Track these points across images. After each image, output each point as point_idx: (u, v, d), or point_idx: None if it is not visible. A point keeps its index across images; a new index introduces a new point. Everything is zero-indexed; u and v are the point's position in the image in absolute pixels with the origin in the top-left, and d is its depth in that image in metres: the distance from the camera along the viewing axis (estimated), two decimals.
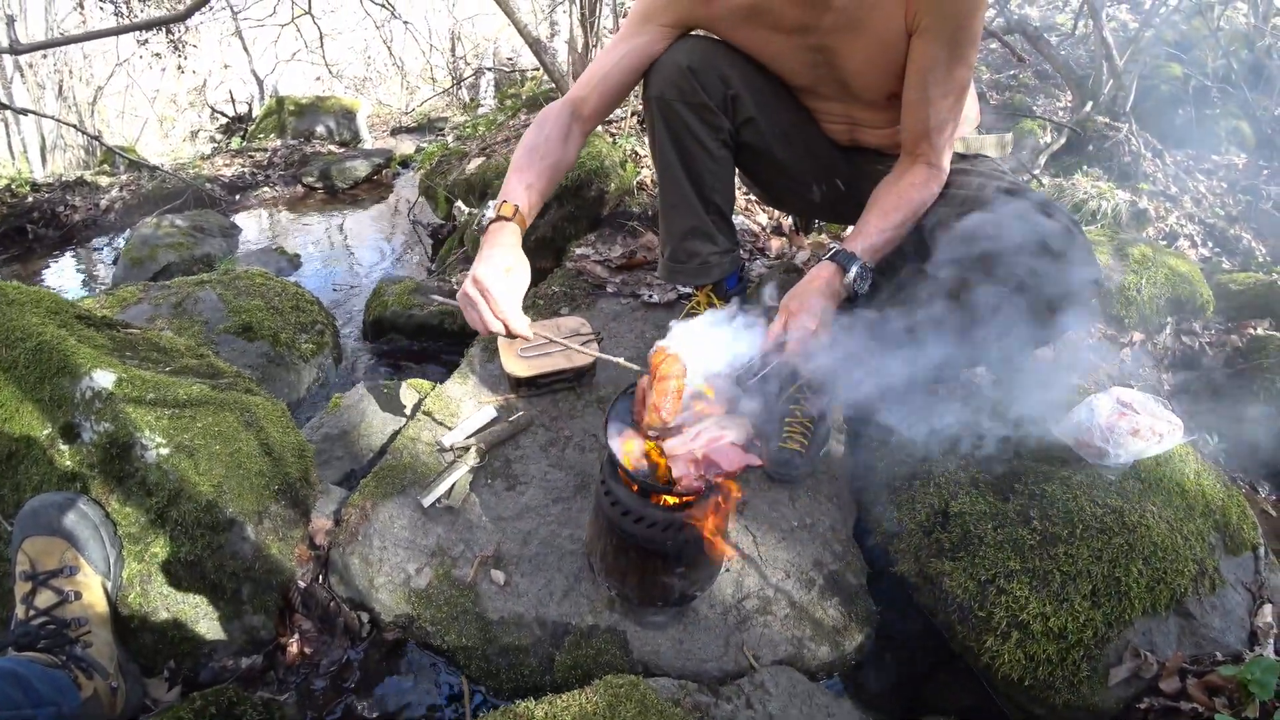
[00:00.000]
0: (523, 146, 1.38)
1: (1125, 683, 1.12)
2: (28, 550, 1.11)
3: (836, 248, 1.30)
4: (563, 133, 1.38)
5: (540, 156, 1.36)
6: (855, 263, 1.26)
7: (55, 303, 1.46)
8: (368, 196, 4.54)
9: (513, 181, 1.33)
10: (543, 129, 1.38)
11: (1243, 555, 1.29)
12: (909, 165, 1.34)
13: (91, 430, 1.23)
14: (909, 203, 1.32)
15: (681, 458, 1.06)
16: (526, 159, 1.35)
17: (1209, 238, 2.69)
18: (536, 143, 1.37)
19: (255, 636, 1.25)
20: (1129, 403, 1.30)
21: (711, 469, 1.05)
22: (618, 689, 1.04)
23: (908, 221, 1.32)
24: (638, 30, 1.44)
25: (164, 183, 4.27)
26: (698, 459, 1.06)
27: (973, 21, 1.19)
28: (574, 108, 1.41)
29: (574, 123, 1.41)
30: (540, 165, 1.35)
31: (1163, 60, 3.64)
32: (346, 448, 1.63)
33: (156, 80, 9.70)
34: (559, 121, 1.39)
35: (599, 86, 1.42)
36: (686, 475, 1.04)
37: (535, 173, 1.34)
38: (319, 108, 6.01)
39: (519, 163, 1.35)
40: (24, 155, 7.18)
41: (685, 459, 1.06)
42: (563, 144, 1.38)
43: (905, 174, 1.34)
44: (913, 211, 1.32)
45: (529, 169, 1.34)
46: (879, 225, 1.31)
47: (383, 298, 2.40)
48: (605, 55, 1.45)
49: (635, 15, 1.46)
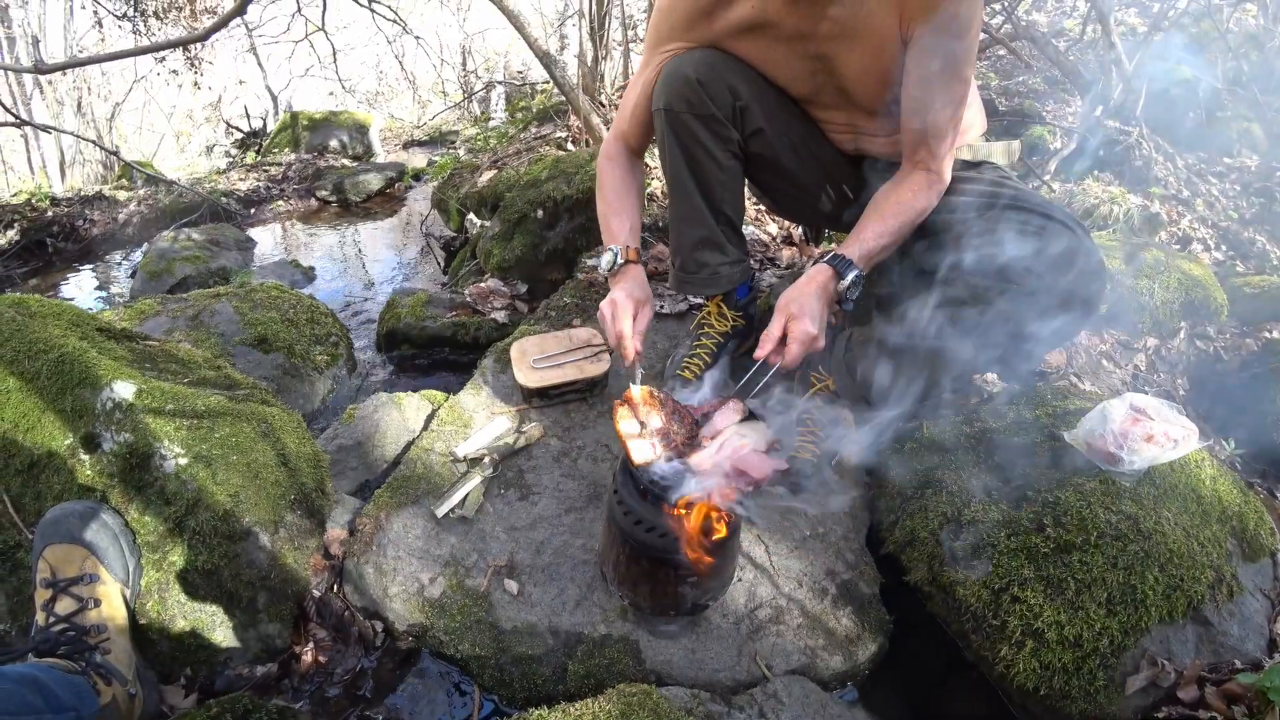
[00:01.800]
0: (608, 189, 1.55)
1: (1143, 691, 1.11)
2: (49, 558, 1.13)
3: (834, 251, 1.30)
4: (629, 164, 1.58)
5: (627, 192, 1.55)
6: (852, 270, 1.27)
7: (77, 315, 1.49)
8: (380, 210, 4.59)
9: (614, 226, 1.51)
10: (615, 167, 1.56)
11: (1261, 561, 1.28)
12: (909, 172, 1.35)
13: (112, 440, 1.25)
14: (907, 210, 1.32)
15: (710, 472, 1.06)
16: (617, 200, 1.54)
17: (1223, 241, 2.67)
18: (614, 182, 1.55)
19: (270, 645, 1.26)
20: (1143, 408, 1.29)
21: (742, 479, 1.05)
22: (630, 698, 1.05)
23: (904, 229, 1.33)
24: (654, 57, 1.50)
25: (180, 197, 4.34)
26: (727, 471, 1.05)
27: (966, 37, 1.20)
28: (624, 141, 1.58)
29: (633, 158, 1.60)
30: (628, 201, 1.54)
31: (1172, 63, 3.62)
32: (361, 458, 1.64)
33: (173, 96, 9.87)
34: (622, 156, 1.58)
35: (636, 116, 1.55)
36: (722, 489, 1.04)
37: (629, 211, 1.53)
38: (332, 122, 6.09)
39: (613, 207, 1.53)
40: (43, 170, 7.30)
41: (715, 472, 1.06)
42: (634, 172, 1.58)
43: (904, 181, 1.34)
44: (910, 219, 1.33)
45: (623, 210, 1.53)
46: (876, 231, 1.31)
47: (396, 310, 2.42)
48: (632, 88, 1.56)
49: (649, 44, 1.52)
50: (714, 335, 1.68)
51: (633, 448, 1.11)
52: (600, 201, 1.55)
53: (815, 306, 1.25)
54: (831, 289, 1.28)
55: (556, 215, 2.55)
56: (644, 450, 1.11)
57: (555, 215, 2.55)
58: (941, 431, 1.54)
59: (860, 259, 1.28)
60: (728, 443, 1.10)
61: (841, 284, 1.27)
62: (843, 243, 1.34)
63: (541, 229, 2.56)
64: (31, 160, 7.55)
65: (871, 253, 1.30)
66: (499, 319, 2.38)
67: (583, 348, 1.74)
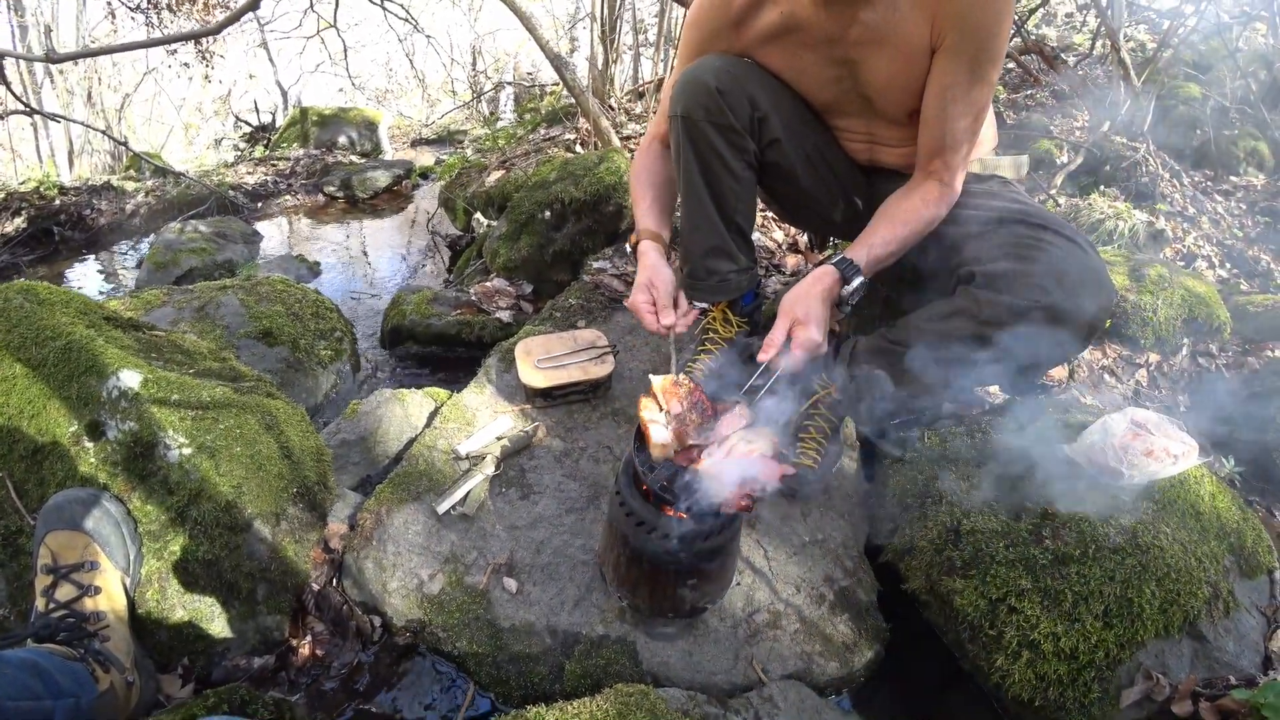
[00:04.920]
0: (634, 178, 1.63)
1: (1137, 705, 1.11)
2: (50, 544, 1.14)
3: (840, 255, 1.31)
4: (658, 156, 1.62)
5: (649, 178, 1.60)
6: (857, 276, 1.28)
7: (84, 303, 1.50)
8: (387, 207, 4.60)
9: (642, 211, 1.57)
10: (644, 157, 1.63)
11: (1258, 579, 1.28)
12: (921, 181, 1.35)
13: (116, 429, 1.26)
14: (917, 219, 1.33)
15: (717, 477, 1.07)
16: (640, 189, 1.59)
17: (1227, 259, 2.67)
18: (639, 170, 1.62)
19: (268, 637, 1.27)
20: (1144, 423, 1.30)
21: (751, 484, 1.05)
22: (628, 698, 1.05)
23: (912, 238, 1.34)
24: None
25: (188, 189, 4.35)
26: (734, 476, 1.06)
27: (996, 42, 1.20)
28: (661, 140, 1.62)
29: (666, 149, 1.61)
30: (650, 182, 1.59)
31: (1180, 80, 3.63)
32: (363, 453, 1.65)
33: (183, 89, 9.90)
34: (652, 149, 1.63)
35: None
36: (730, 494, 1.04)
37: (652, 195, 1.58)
38: (341, 119, 6.11)
39: (638, 192, 1.59)
40: (51, 159, 7.33)
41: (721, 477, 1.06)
42: (662, 162, 1.62)
43: (916, 190, 1.35)
44: (919, 228, 1.34)
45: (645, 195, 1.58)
46: (884, 238, 1.32)
47: (401, 307, 2.43)
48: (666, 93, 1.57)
49: (682, 58, 1.55)
50: (719, 340, 1.69)
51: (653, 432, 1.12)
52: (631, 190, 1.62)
53: (819, 311, 1.25)
54: (835, 293, 1.29)
55: (564, 217, 2.56)
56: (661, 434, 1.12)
57: (563, 217, 2.56)
58: (942, 441, 1.54)
59: (866, 265, 1.29)
60: (735, 448, 1.10)
61: (846, 289, 1.28)
62: (850, 246, 1.34)
63: (548, 230, 2.57)
64: (40, 149, 7.59)
65: (878, 259, 1.31)
66: (504, 319, 2.39)
67: (587, 349, 1.74)
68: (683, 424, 1.13)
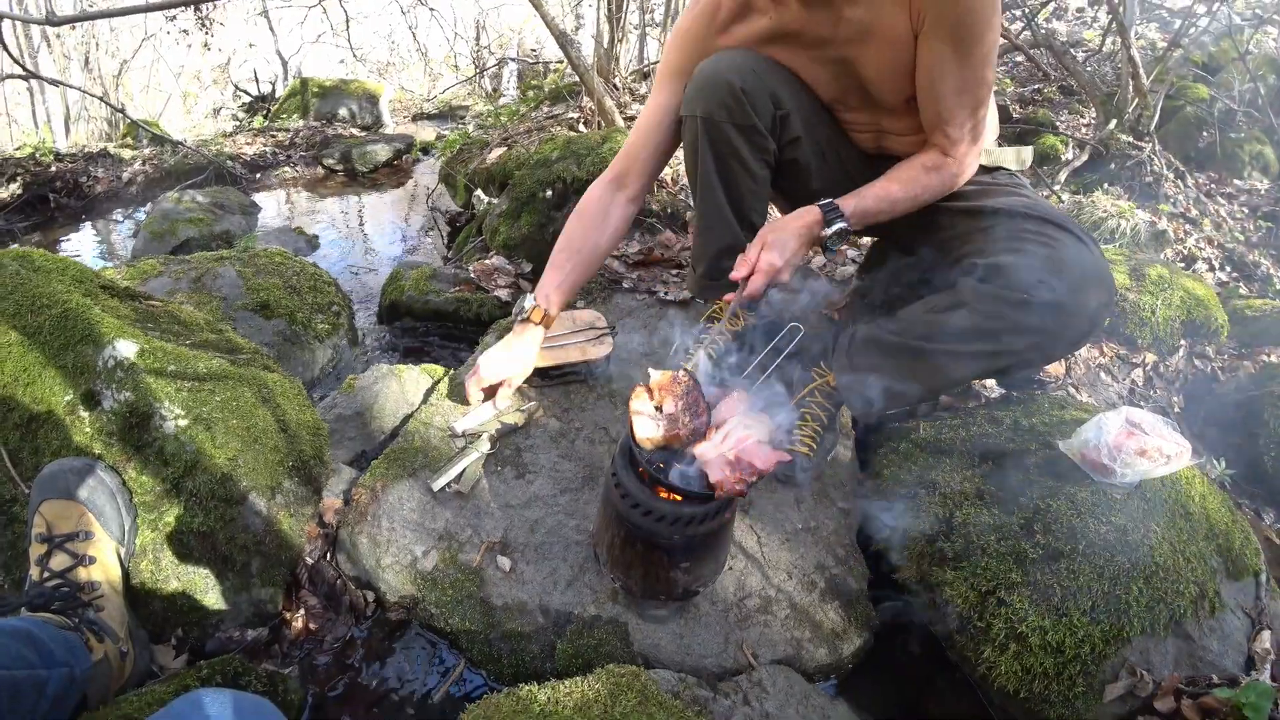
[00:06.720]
0: (561, 240, 1.54)
1: (1120, 700, 1.12)
2: (44, 513, 1.14)
3: (831, 200, 1.33)
4: (600, 216, 1.54)
5: (575, 251, 1.53)
6: (840, 221, 1.30)
7: (81, 272, 1.49)
8: (387, 181, 4.57)
9: (547, 281, 1.52)
10: (581, 219, 1.54)
11: (1244, 580, 1.29)
12: (926, 149, 1.38)
13: (112, 399, 1.25)
14: (914, 182, 1.35)
15: (715, 462, 1.07)
16: (563, 255, 1.53)
17: (1227, 262, 2.68)
18: (571, 237, 1.54)
19: (262, 610, 1.27)
20: (1138, 423, 1.31)
21: (747, 469, 1.06)
22: (619, 678, 1.06)
23: (908, 202, 1.36)
24: (669, 86, 1.51)
25: (186, 158, 4.31)
26: (732, 460, 1.06)
27: (974, 16, 1.19)
28: (617, 184, 1.55)
29: (616, 198, 1.55)
30: (575, 260, 1.52)
31: (1189, 81, 3.61)
32: (359, 428, 1.64)
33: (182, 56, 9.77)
34: (599, 205, 1.54)
35: (640, 155, 1.54)
36: (726, 479, 1.05)
37: (569, 268, 1.52)
38: (342, 91, 6.05)
39: (555, 260, 1.53)
40: (48, 125, 7.23)
41: (720, 463, 1.07)
42: (600, 227, 1.54)
43: (919, 156, 1.38)
44: (917, 193, 1.35)
45: (563, 266, 1.52)
46: (878, 195, 1.34)
47: (400, 282, 2.42)
48: (642, 121, 1.54)
49: (664, 72, 1.53)
50: (723, 331, 1.69)
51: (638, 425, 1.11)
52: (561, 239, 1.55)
53: (790, 243, 1.29)
54: (816, 231, 1.31)
55: (565, 196, 2.54)
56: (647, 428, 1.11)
57: (564, 196, 2.54)
58: (937, 433, 1.55)
59: (853, 214, 1.31)
60: (733, 433, 1.10)
61: (826, 230, 1.31)
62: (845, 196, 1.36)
63: (549, 209, 2.56)
64: (36, 114, 7.48)
65: (867, 211, 1.33)
66: (502, 297, 2.38)
67: (586, 330, 1.74)
68: (674, 425, 1.13)
